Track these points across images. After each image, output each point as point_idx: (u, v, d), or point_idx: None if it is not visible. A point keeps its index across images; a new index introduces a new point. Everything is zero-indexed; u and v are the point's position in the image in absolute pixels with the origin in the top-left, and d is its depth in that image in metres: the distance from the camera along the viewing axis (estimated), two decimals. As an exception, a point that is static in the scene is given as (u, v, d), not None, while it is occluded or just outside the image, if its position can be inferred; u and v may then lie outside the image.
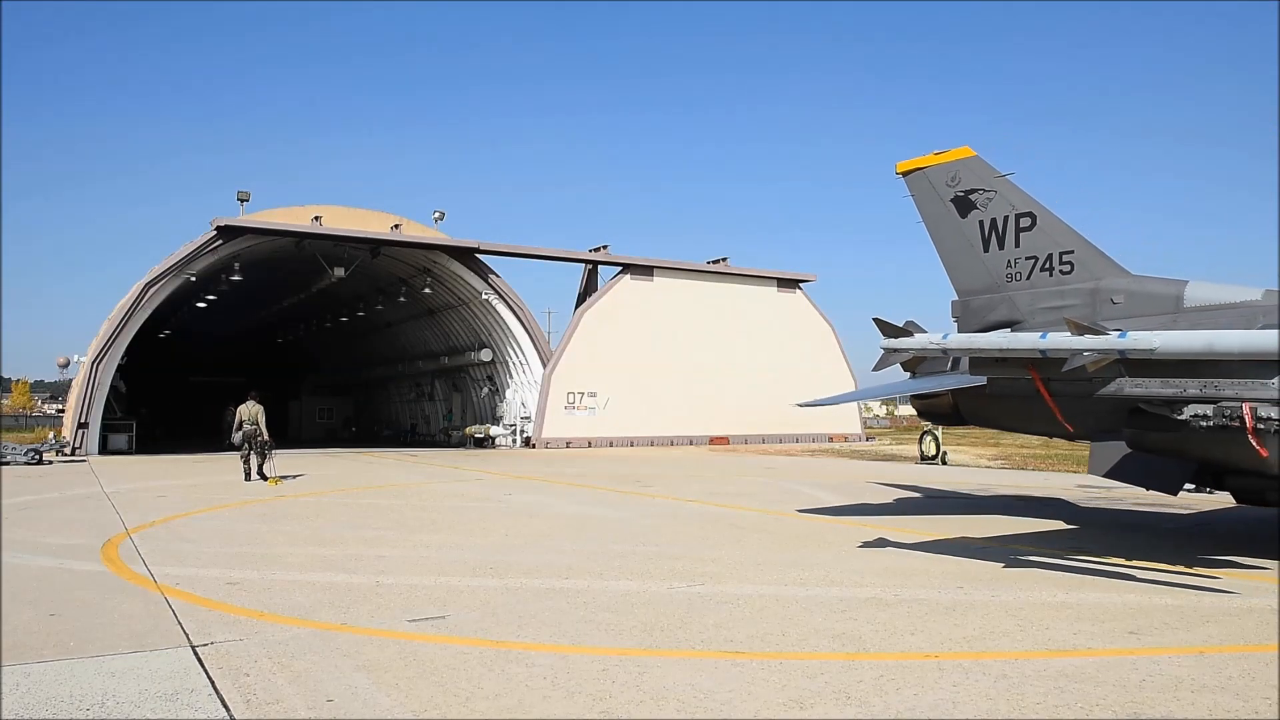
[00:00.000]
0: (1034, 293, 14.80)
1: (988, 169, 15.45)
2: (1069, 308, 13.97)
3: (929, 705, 5.65)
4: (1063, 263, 14.58)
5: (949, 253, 16.11)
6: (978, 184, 15.44)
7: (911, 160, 16.28)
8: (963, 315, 15.86)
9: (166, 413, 55.67)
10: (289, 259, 39.51)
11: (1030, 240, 14.92)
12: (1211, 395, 9.81)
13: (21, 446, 30.07)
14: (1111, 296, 13.90)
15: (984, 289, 15.49)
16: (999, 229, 15.30)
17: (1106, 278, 14.09)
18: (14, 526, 13.86)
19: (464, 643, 7.12)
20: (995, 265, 15.32)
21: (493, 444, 41.33)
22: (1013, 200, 15.17)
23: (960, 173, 15.71)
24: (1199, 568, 10.55)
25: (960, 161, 15.67)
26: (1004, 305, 15.21)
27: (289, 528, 14.02)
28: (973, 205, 15.57)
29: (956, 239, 15.85)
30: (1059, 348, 10.08)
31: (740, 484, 22.02)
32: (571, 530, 13.78)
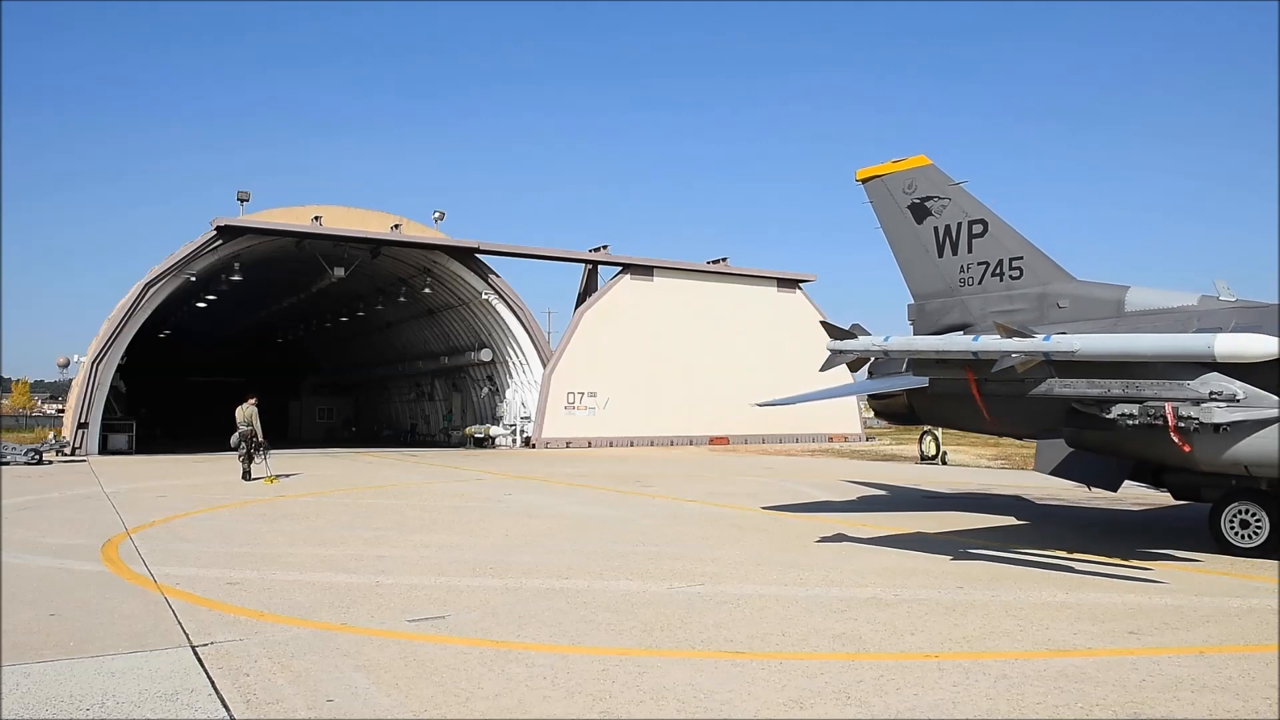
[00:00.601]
0: (985, 297, 15.29)
1: (943, 177, 15.87)
2: (1018, 312, 14.53)
3: (929, 705, 5.65)
4: (1012, 268, 15.06)
5: (905, 258, 16.54)
6: (933, 191, 15.90)
7: (870, 168, 16.66)
8: (918, 319, 16.33)
9: (166, 413, 55.61)
10: (289, 259, 39.49)
11: (982, 246, 15.39)
12: (1134, 395, 10.25)
13: (21, 446, 30.07)
14: (1058, 301, 14.43)
15: (938, 293, 15.93)
16: (953, 235, 15.75)
17: (1053, 283, 14.58)
18: (14, 526, 13.86)
19: (464, 643, 7.12)
20: (949, 270, 15.78)
21: (493, 444, 41.31)
22: (966, 207, 15.60)
23: (916, 180, 16.12)
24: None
25: (917, 169, 16.09)
26: (957, 309, 15.67)
27: (289, 528, 14.02)
28: (928, 212, 16.01)
29: (912, 245, 16.27)
30: (989, 349, 10.64)
31: (740, 484, 22.02)
32: (571, 530, 13.78)
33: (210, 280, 39.40)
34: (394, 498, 18.79)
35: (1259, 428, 10.28)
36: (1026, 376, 10.75)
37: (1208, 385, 9.82)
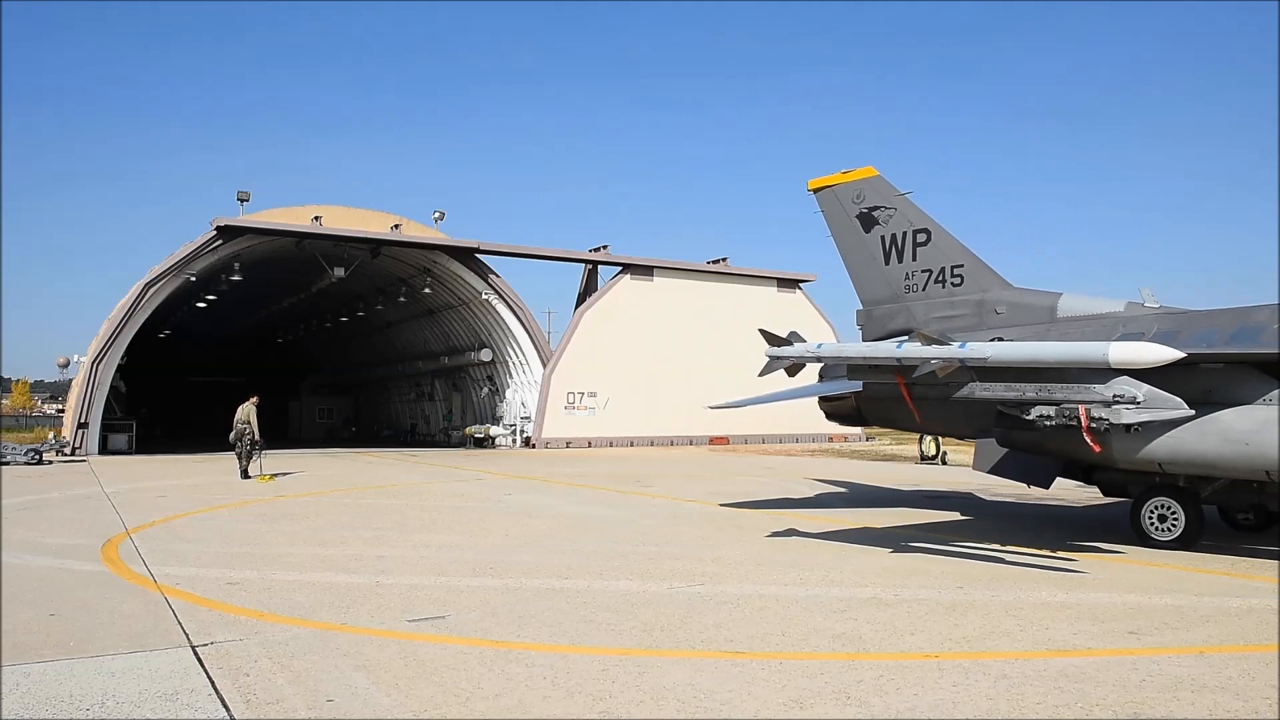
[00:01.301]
0: (928, 303, 16.00)
1: (889, 188, 16.54)
2: (959, 317, 15.40)
3: (929, 705, 5.66)
4: (954, 276, 15.79)
5: (854, 265, 17.22)
6: (880, 201, 16.56)
7: (820, 178, 17.33)
8: (866, 324, 17.05)
9: (166, 413, 55.60)
10: (289, 259, 39.48)
11: (926, 254, 16.11)
12: (1046, 398, 10.82)
13: (21, 446, 30.06)
14: (995, 307, 15.15)
15: (885, 299, 16.63)
16: (898, 244, 16.48)
17: (992, 290, 15.32)
18: (14, 526, 13.86)
19: (464, 643, 7.12)
20: (895, 277, 16.49)
21: (493, 444, 41.31)
22: (911, 217, 16.27)
23: (865, 191, 16.79)
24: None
25: (865, 180, 16.75)
26: (902, 314, 16.36)
27: (289, 528, 14.02)
28: (875, 221, 16.69)
29: (861, 252, 16.98)
30: (911, 356, 11.20)
31: (740, 484, 22.02)
32: (571, 530, 13.79)
33: (210, 280, 39.39)
34: (394, 498, 18.79)
35: (1168, 428, 10.89)
36: (950, 380, 11.28)
37: (1113, 389, 10.33)
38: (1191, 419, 10.75)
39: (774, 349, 12.28)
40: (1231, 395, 10.98)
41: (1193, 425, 10.89)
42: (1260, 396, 10.84)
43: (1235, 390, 11.02)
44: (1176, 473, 11.78)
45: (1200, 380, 11.13)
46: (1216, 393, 11.11)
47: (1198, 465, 11.32)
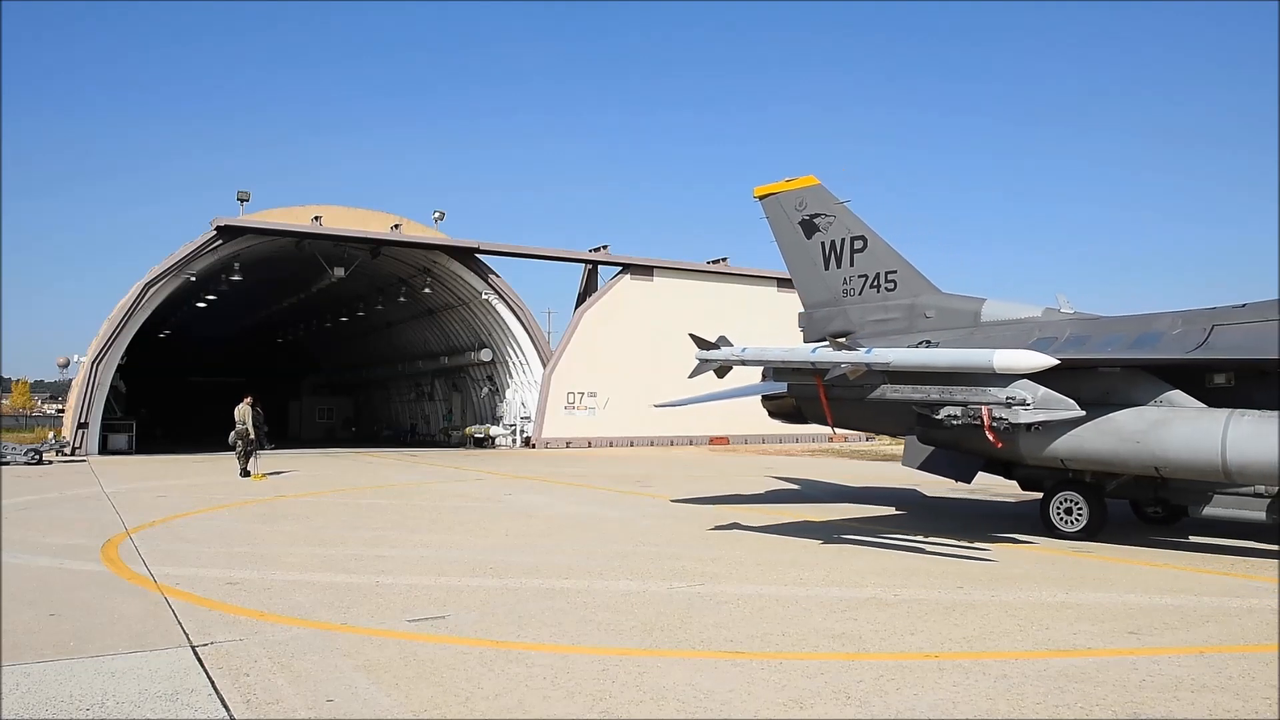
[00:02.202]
0: (864, 306, 16.80)
1: (829, 196, 17.30)
2: (891, 320, 16.24)
3: (929, 705, 5.66)
4: (888, 281, 16.62)
5: (797, 270, 18.00)
6: (821, 209, 17.36)
7: (766, 186, 18.14)
8: (807, 326, 17.81)
9: (166, 413, 55.59)
10: (289, 259, 39.47)
11: (862, 260, 16.94)
12: (948, 399, 11.54)
13: (21, 446, 30.06)
14: (925, 311, 15.94)
15: (825, 302, 17.43)
16: (837, 250, 17.28)
17: (923, 295, 16.12)
18: (14, 526, 13.86)
19: (464, 643, 7.12)
20: (834, 282, 17.29)
21: (493, 444, 41.30)
22: (849, 225, 17.08)
23: (806, 199, 17.57)
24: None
25: (807, 189, 17.54)
26: (840, 317, 17.17)
27: (289, 528, 14.03)
28: (816, 228, 17.49)
29: (803, 258, 17.77)
30: (823, 360, 11.96)
31: (740, 484, 22.02)
32: (571, 530, 13.79)
33: (210, 280, 39.39)
34: (394, 498, 18.79)
35: (1070, 427, 11.57)
36: (864, 383, 12.00)
37: (1007, 391, 11.00)
38: (1085, 419, 11.40)
39: (702, 352, 12.91)
40: (1127, 397, 11.69)
41: (1091, 424, 11.54)
42: (1152, 398, 11.56)
43: (1130, 392, 11.73)
44: (1079, 468, 12.42)
45: (1100, 383, 11.91)
46: (1114, 394, 11.80)
47: (1096, 462, 11.94)
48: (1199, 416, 11.12)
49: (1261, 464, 10.42)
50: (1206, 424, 10.90)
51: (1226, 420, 10.77)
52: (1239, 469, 10.61)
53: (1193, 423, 11.04)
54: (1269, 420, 10.54)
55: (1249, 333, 11.96)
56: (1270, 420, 10.54)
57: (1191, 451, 10.89)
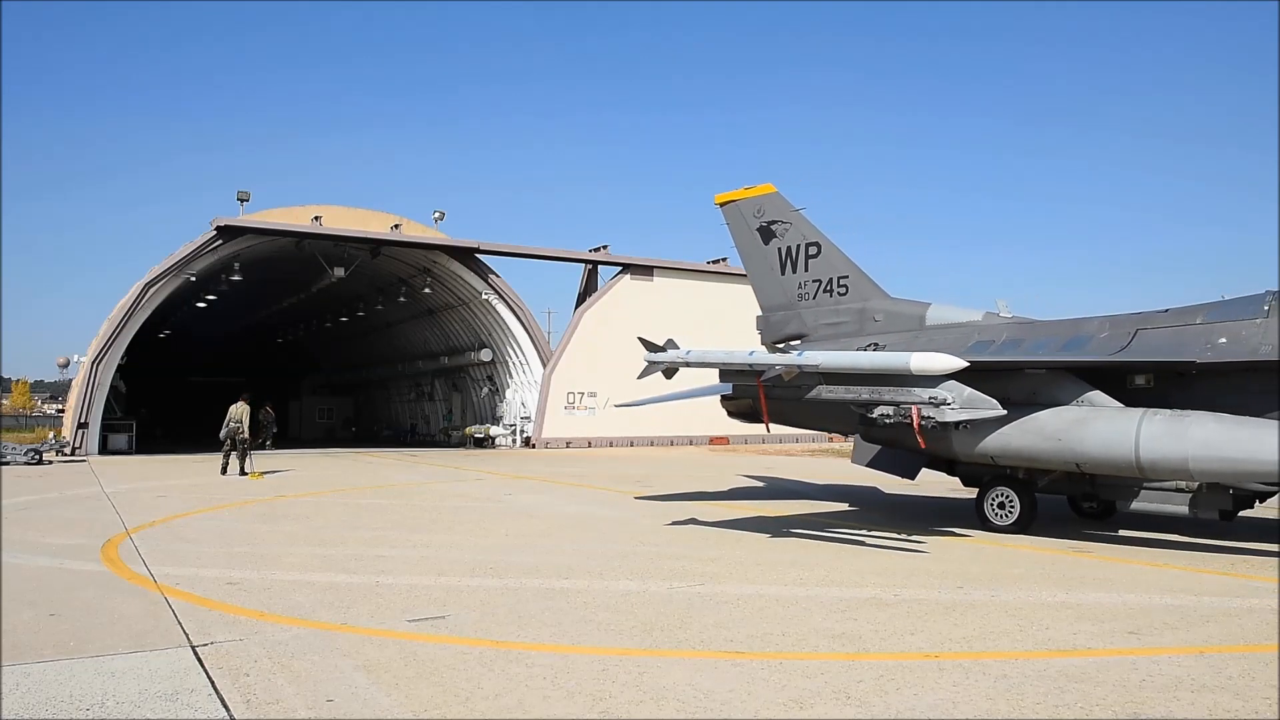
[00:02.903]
0: (817, 310, 17.53)
1: (786, 204, 17.99)
2: (843, 324, 16.99)
3: (929, 705, 5.66)
4: (840, 286, 17.34)
5: (755, 275, 18.66)
6: (777, 216, 18.07)
7: (726, 194, 18.81)
8: (765, 329, 18.45)
9: (166, 413, 55.58)
10: (289, 259, 39.46)
11: (816, 266, 17.67)
12: (876, 400, 12.25)
13: (21, 446, 30.04)
14: (874, 315, 16.67)
15: (781, 306, 18.10)
16: (793, 256, 17.99)
17: (872, 300, 16.88)
18: (14, 526, 13.85)
19: (464, 643, 7.12)
20: (790, 286, 17.98)
21: (493, 444, 41.30)
22: (804, 232, 17.80)
23: (764, 206, 18.28)
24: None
25: (765, 196, 18.25)
26: (795, 321, 17.86)
27: (289, 528, 14.03)
28: (773, 234, 18.19)
29: (760, 263, 18.46)
30: (759, 362, 12.54)
31: (739, 484, 22.03)
32: (571, 530, 13.79)
33: (210, 280, 39.38)
34: (394, 498, 18.79)
35: (994, 425, 12.23)
36: (801, 384, 12.68)
37: (930, 392, 11.73)
38: (1010, 418, 12.11)
39: (650, 354, 13.41)
40: (1051, 397, 12.33)
41: (1017, 423, 12.19)
42: (1074, 399, 12.18)
43: (1054, 393, 12.37)
44: (1008, 465, 13.09)
45: (1026, 383, 12.61)
46: (1039, 395, 12.45)
47: (1022, 458, 12.58)
48: (1115, 416, 11.66)
49: (1171, 460, 11.00)
50: (1121, 423, 11.45)
51: (1140, 419, 11.31)
52: (1151, 465, 11.16)
53: (1109, 422, 11.58)
54: (1179, 420, 11.10)
55: (1169, 336, 12.66)
56: (1180, 420, 11.10)
57: (1107, 449, 11.46)
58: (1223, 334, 12.12)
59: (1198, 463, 10.86)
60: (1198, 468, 10.94)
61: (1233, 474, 11.01)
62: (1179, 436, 10.94)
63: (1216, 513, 12.23)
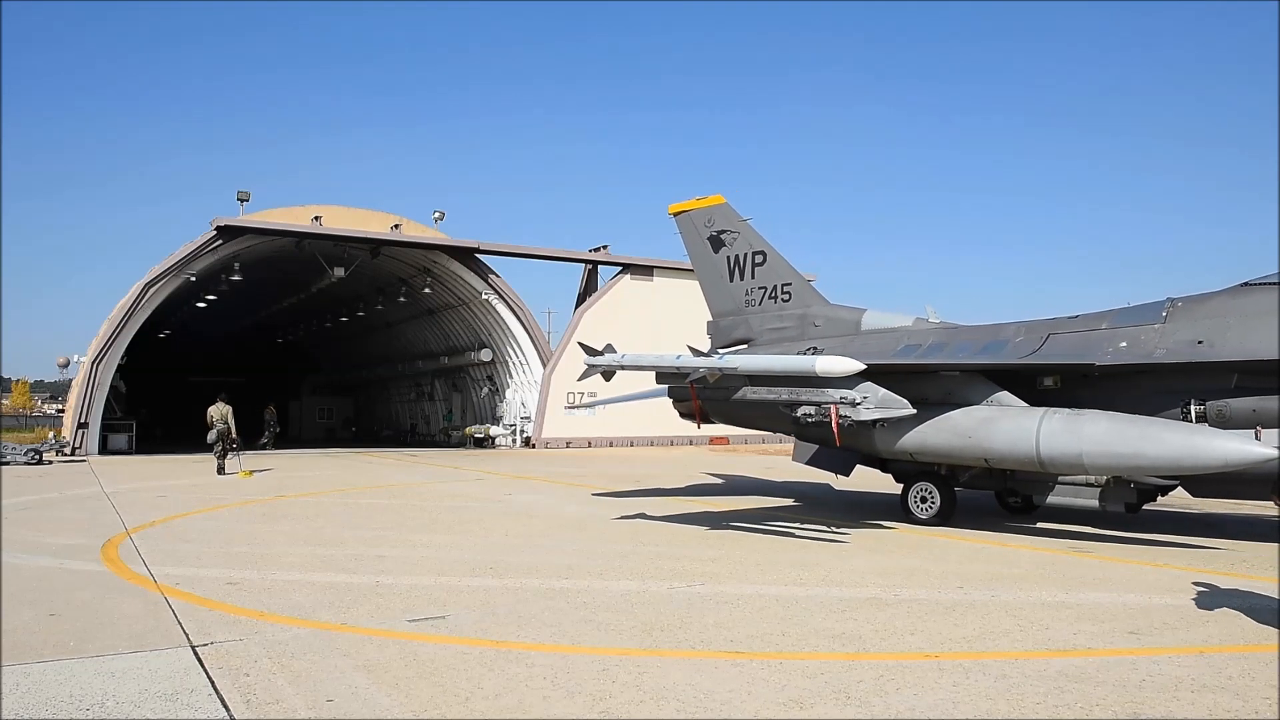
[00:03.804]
0: (763, 316, 18.36)
1: (734, 214, 18.87)
2: (786, 329, 17.85)
3: (929, 705, 5.65)
4: (783, 293, 18.24)
5: (706, 282, 19.54)
6: (726, 226, 18.94)
7: (680, 204, 19.66)
8: (714, 334, 19.37)
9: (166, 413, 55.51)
10: (289, 259, 39.45)
11: (762, 274, 18.54)
12: (796, 400, 13.05)
13: (21, 446, 30.05)
14: (814, 320, 17.53)
15: (730, 312, 18.99)
16: (740, 264, 18.86)
17: (813, 306, 17.79)
18: (14, 526, 13.86)
19: (464, 643, 7.12)
20: (738, 293, 18.85)
21: (493, 444, 41.30)
22: (751, 241, 18.68)
23: (714, 216, 19.10)
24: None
25: (715, 207, 19.12)
26: (742, 326, 18.68)
27: (289, 527, 14.03)
28: (722, 243, 19.04)
29: (711, 271, 19.36)
30: (684, 365, 13.23)
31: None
32: (571, 530, 13.79)
33: (210, 280, 39.37)
34: (394, 498, 18.79)
35: (912, 424, 13.10)
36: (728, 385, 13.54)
37: (842, 393, 12.65)
38: (924, 417, 12.99)
39: (590, 358, 14.08)
40: (964, 397, 13.11)
41: (932, 421, 13.01)
42: (984, 399, 12.98)
43: (966, 393, 13.15)
44: (925, 461, 13.87)
45: (942, 385, 13.40)
46: (954, 395, 13.23)
47: (938, 454, 13.36)
48: (1019, 415, 12.46)
49: (1067, 455, 11.78)
50: (1024, 421, 12.25)
51: (1040, 418, 12.12)
52: (1050, 460, 11.95)
53: (1014, 420, 12.40)
54: (1074, 418, 11.87)
55: (1077, 340, 13.39)
56: (1076, 418, 11.87)
57: (1012, 445, 12.27)
58: (1124, 338, 12.88)
59: (1090, 458, 11.60)
60: (1090, 462, 11.68)
61: (1121, 468, 11.77)
62: (1074, 433, 11.69)
63: (1123, 505, 12.89)
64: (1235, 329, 11.96)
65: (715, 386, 13.70)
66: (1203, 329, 12.23)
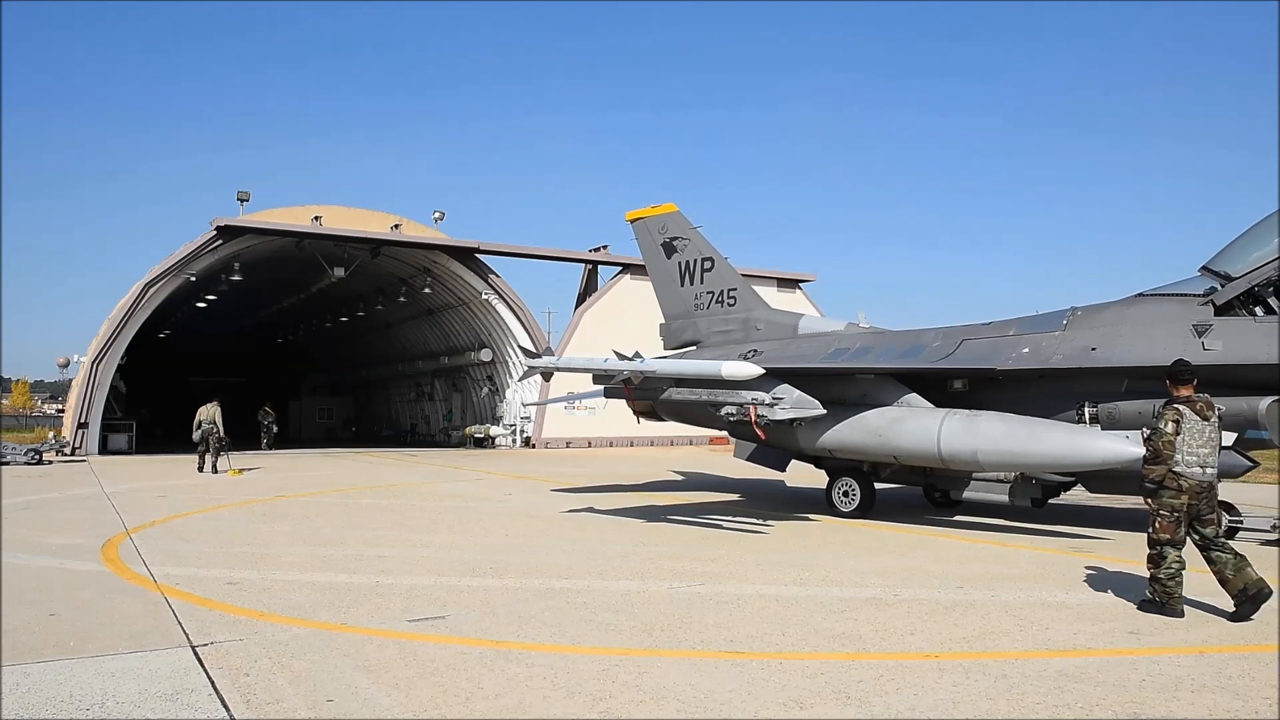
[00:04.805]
0: (710, 319, 19.29)
1: (686, 222, 19.89)
2: (731, 331, 18.73)
3: (929, 705, 5.65)
4: (729, 298, 19.15)
5: (659, 286, 20.52)
6: (678, 233, 19.93)
7: (636, 211, 20.64)
8: (666, 335, 20.33)
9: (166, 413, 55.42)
10: (289, 259, 39.43)
11: (710, 279, 19.49)
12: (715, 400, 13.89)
13: (21, 446, 30.04)
14: (756, 324, 18.41)
15: (681, 315, 19.95)
16: (691, 269, 19.84)
17: (755, 310, 18.69)
18: (14, 526, 13.86)
19: (464, 643, 7.12)
20: (688, 297, 19.83)
21: (493, 444, 41.29)
22: (700, 248, 19.74)
23: (667, 224, 20.08)
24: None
25: (668, 215, 20.15)
26: (691, 328, 19.63)
27: (289, 528, 14.02)
28: (675, 249, 20.04)
29: (664, 276, 20.32)
30: (610, 368, 14.13)
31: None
32: (571, 530, 13.79)
33: (210, 280, 39.36)
34: (394, 498, 18.79)
35: (831, 422, 14.00)
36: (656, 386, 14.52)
37: (753, 394, 13.51)
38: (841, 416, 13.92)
39: (530, 360, 14.83)
40: (878, 399, 14.01)
41: (849, 421, 13.94)
42: (895, 400, 13.87)
43: (880, 395, 14.04)
44: (843, 457, 14.77)
45: (860, 386, 14.28)
46: (869, 396, 14.11)
47: (853, 451, 14.29)
48: (924, 415, 13.35)
49: (964, 453, 12.70)
50: (928, 421, 13.16)
51: (942, 419, 13.04)
52: (950, 457, 12.86)
53: (918, 420, 13.30)
54: (971, 419, 12.78)
55: (986, 346, 14.12)
56: (973, 419, 12.77)
57: (917, 443, 13.18)
58: (1027, 344, 13.62)
59: (984, 455, 12.54)
60: (985, 459, 12.62)
61: (1012, 465, 12.73)
62: (971, 433, 12.63)
63: (1029, 500, 13.67)
64: (1126, 337, 12.63)
65: (643, 388, 14.73)
66: (1098, 336, 12.93)
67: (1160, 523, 8.17)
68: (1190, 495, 8.04)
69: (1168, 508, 8.11)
